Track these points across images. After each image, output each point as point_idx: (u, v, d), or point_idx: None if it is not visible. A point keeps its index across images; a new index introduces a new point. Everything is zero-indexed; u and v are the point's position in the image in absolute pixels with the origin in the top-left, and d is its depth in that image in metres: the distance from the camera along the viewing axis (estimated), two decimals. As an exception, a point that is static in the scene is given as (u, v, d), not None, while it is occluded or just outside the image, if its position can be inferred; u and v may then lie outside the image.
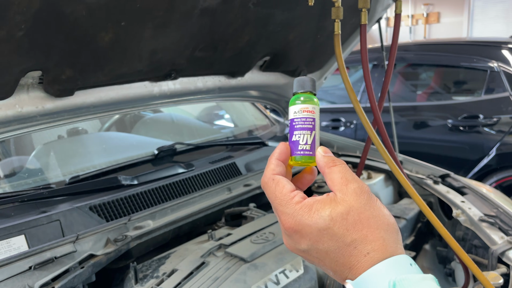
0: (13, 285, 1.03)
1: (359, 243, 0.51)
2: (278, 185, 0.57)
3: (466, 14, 10.56)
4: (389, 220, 0.53)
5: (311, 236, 0.53)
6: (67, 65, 1.13)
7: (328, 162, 0.58)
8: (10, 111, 1.16)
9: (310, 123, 0.62)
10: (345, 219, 0.51)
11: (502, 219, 1.48)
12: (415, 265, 0.50)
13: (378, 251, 0.50)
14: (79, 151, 1.88)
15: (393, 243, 0.52)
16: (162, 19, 1.18)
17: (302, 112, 0.62)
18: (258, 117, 2.61)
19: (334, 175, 0.56)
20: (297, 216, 0.54)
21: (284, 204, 0.56)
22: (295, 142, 0.62)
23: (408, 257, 0.51)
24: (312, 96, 0.64)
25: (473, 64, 3.62)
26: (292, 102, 0.64)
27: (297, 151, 0.62)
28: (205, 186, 1.66)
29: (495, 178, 3.48)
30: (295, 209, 0.54)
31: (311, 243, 0.53)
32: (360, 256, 0.50)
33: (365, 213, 0.52)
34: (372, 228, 0.51)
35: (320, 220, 0.52)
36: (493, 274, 1.22)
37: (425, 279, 0.48)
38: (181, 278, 1.15)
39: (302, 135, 0.62)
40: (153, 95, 1.51)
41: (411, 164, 2.02)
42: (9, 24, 0.90)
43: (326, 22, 1.61)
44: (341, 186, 0.55)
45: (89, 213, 1.33)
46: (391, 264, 0.49)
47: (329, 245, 0.52)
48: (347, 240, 0.51)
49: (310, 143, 0.61)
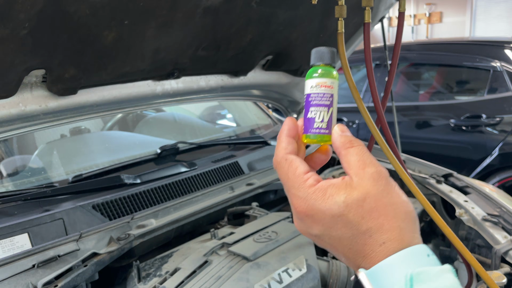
0: (16, 283, 1.04)
1: (374, 232, 0.48)
2: (292, 165, 0.54)
3: (468, 13, 10.54)
4: (407, 208, 0.51)
5: (324, 222, 0.50)
6: (70, 64, 1.13)
7: (344, 143, 0.54)
8: (14, 110, 1.16)
9: (327, 99, 0.58)
10: (361, 206, 0.49)
11: (505, 218, 1.48)
12: (432, 256, 0.48)
13: (394, 241, 0.48)
14: (82, 150, 1.88)
15: (410, 233, 0.49)
16: (165, 18, 1.18)
17: (319, 87, 0.58)
18: (260, 116, 2.61)
19: (351, 157, 0.52)
20: (310, 200, 0.51)
21: (296, 186, 0.52)
22: (311, 119, 0.58)
23: (426, 247, 0.49)
24: (331, 69, 0.59)
25: (475, 63, 3.61)
26: (309, 75, 0.59)
27: (312, 129, 0.57)
28: (208, 185, 1.66)
29: (498, 178, 3.47)
30: (308, 192, 0.51)
31: (323, 229, 0.51)
32: (375, 245, 0.48)
33: (382, 200, 0.49)
34: (389, 217, 0.49)
35: (335, 206, 0.49)
36: (497, 274, 1.22)
37: (443, 271, 0.46)
38: (184, 276, 1.15)
39: (319, 112, 0.57)
40: (156, 94, 1.51)
41: (414, 164, 2.02)
42: (13, 22, 0.90)
43: (329, 21, 1.61)
44: (357, 169, 0.51)
45: (92, 212, 1.33)
46: (408, 255, 0.47)
47: (343, 232, 0.49)
48: (362, 228, 0.48)
49: (327, 120, 0.57)
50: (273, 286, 1.12)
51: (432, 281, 0.44)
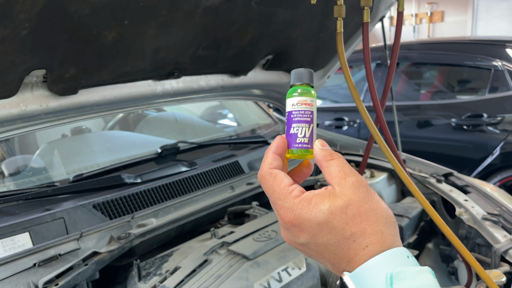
0: (17, 282, 1.04)
1: (358, 237, 0.51)
2: (276, 179, 0.57)
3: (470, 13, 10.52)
4: (387, 213, 0.53)
5: (310, 230, 0.53)
6: (71, 63, 1.13)
7: (325, 156, 0.58)
8: (15, 110, 1.16)
9: (308, 116, 0.61)
10: (344, 212, 0.51)
11: (505, 217, 1.48)
12: (412, 258, 0.51)
13: (376, 244, 0.50)
14: (83, 149, 1.89)
15: (391, 236, 0.52)
16: (165, 18, 1.18)
17: (300, 104, 0.61)
18: (261, 116, 2.61)
19: (332, 168, 0.56)
20: (296, 210, 0.53)
21: (282, 198, 0.55)
22: (293, 135, 0.61)
23: (406, 250, 0.51)
24: (309, 89, 0.63)
25: (477, 63, 3.60)
26: (290, 95, 0.63)
27: (295, 144, 0.61)
28: (208, 184, 1.66)
29: (499, 177, 3.46)
30: (294, 203, 0.54)
31: (310, 237, 0.53)
32: (359, 249, 0.50)
33: (363, 206, 0.52)
34: (370, 221, 0.51)
35: (320, 214, 0.52)
36: (496, 272, 1.22)
37: (422, 271, 0.48)
38: (184, 275, 1.15)
39: (301, 127, 0.61)
40: (156, 94, 1.51)
41: (414, 163, 2.02)
42: (13, 22, 0.91)
43: (329, 20, 1.61)
44: (339, 179, 0.54)
45: (93, 211, 1.34)
46: (389, 257, 0.49)
47: (328, 239, 0.52)
48: (346, 234, 0.51)
49: (308, 136, 0.61)
50: (272, 285, 1.13)
51: (411, 279, 0.47)
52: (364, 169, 1.63)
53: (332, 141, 2.37)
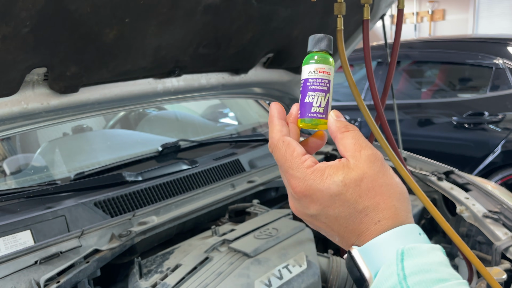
0: (19, 280, 1.05)
1: (371, 211, 0.50)
2: (289, 147, 0.55)
3: (471, 11, 10.50)
4: (401, 189, 0.52)
5: (322, 201, 0.51)
6: (72, 61, 1.14)
7: (340, 127, 0.56)
8: (16, 108, 1.17)
9: (325, 85, 0.58)
10: (358, 185, 0.50)
11: (506, 215, 1.48)
12: (423, 235, 0.50)
13: (389, 219, 0.49)
14: (84, 148, 1.90)
15: (404, 212, 0.51)
16: (166, 16, 1.18)
17: (317, 72, 0.59)
18: (262, 114, 2.61)
19: (347, 140, 0.54)
20: (308, 180, 0.52)
21: (295, 167, 0.53)
22: (308, 104, 0.58)
23: (417, 227, 0.50)
24: (328, 56, 0.60)
25: (478, 61, 3.60)
26: (306, 61, 0.60)
27: (309, 113, 0.58)
28: (209, 182, 1.67)
29: (500, 175, 3.46)
30: (307, 173, 0.52)
31: (321, 208, 0.52)
32: (371, 223, 0.50)
33: (378, 180, 0.51)
34: (384, 196, 0.50)
35: (333, 185, 0.51)
36: (497, 270, 1.22)
37: (433, 249, 0.47)
38: (185, 273, 1.16)
39: (317, 96, 0.58)
40: (157, 92, 1.52)
41: (415, 161, 2.02)
42: (14, 20, 0.91)
43: (330, 18, 1.61)
44: (354, 152, 0.53)
45: (94, 209, 1.34)
46: (401, 233, 0.48)
47: (340, 211, 0.51)
48: (359, 207, 0.50)
49: (324, 105, 0.58)
50: (273, 282, 1.13)
51: (422, 256, 0.46)
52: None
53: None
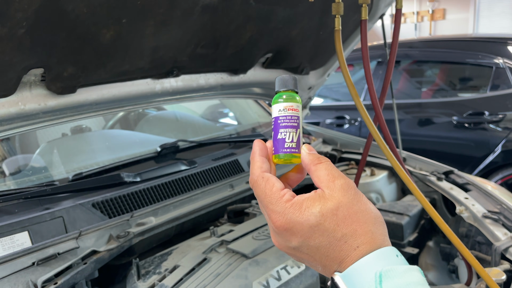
0: (16, 281, 1.04)
1: (349, 237, 0.51)
2: (268, 183, 0.57)
3: (472, 10, 10.48)
4: (375, 214, 0.54)
5: (302, 233, 0.53)
6: (69, 62, 1.13)
7: (313, 160, 0.58)
8: (13, 109, 1.16)
9: (295, 121, 0.62)
10: (335, 214, 0.52)
11: (505, 215, 1.48)
12: (401, 256, 0.51)
13: (367, 244, 0.51)
14: (83, 148, 1.89)
15: (380, 236, 0.53)
16: (164, 16, 1.18)
17: (287, 110, 0.62)
18: (261, 114, 2.61)
19: (320, 172, 0.57)
20: (288, 214, 0.54)
21: (274, 202, 0.55)
22: (281, 140, 0.61)
23: (394, 249, 0.52)
24: (294, 94, 0.63)
25: (478, 60, 3.59)
26: (275, 101, 0.63)
27: (283, 149, 0.61)
28: (208, 183, 1.66)
29: (501, 175, 3.45)
30: (286, 207, 0.54)
31: (302, 240, 0.54)
32: (350, 249, 0.51)
33: (353, 207, 0.53)
34: (360, 222, 0.52)
35: (311, 216, 0.52)
36: (496, 270, 1.22)
37: (410, 270, 0.49)
38: (183, 274, 1.15)
39: (288, 133, 0.61)
40: (155, 92, 1.51)
41: (415, 161, 2.01)
42: (10, 21, 0.90)
43: (328, 18, 1.61)
44: (328, 182, 0.55)
45: (92, 210, 1.34)
46: (378, 256, 0.50)
47: (320, 241, 0.53)
48: (338, 235, 0.52)
49: (296, 140, 0.61)
50: (271, 283, 1.13)
51: (399, 277, 0.48)
52: (363, 167, 1.62)
53: (332, 139, 2.37)
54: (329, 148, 2.30)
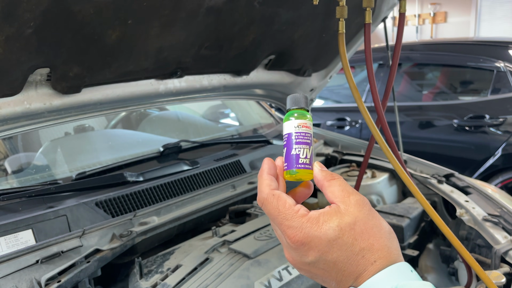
0: (20, 279, 1.05)
1: (366, 252, 0.52)
2: (280, 199, 0.57)
3: (473, 14, 10.49)
4: (389, 229, 0.56)
5: (320, 247, 0.53)
6: (74, 62, 1.14)
7: (326, 176, 0.60)
8: (19, 108, 1.17)
9: (308, 138, 0.63)
10: (353, 228, 0.53)
11: (506, 218, 1.48)
12: (414, 272, 0.52)
13: (384, 258, 0.52)
14: (86, 147, 1.90)
15: (395, 251, 0.54)
16: (168, 18, 1.19)
17: (301, 127, 0.63)
18: (263, 115, 2.62)
19: (334, 187, 0.58)
20: (305, 228, 0.54)
21: (289, 218, 0.55)
22: (295, 156, 0.62)
23: (408, 265, 0.53)
24: (306, 113, 0.65)
25: (479, 64, 3.60)
26: (288, 118, 0.64)
27: (297, 165, 0.62)
28: (210, 183, 1.67)
29: (501, 178, 3.46)
30: (302, 221, 0.54)
31: (319, 255, 0.54)
32: (368, 264, 0.52)
33: (369, 223, 0.54)
34: (377, 237, 0.53)
35: (330, 231, 0.53)
36: (496, 273, 1.23)
37: (424, 286, 0.49)
38: (185, 273, 1.16)
39: (303, 149, 0.62)
40: (158, 93, 1.52)
41: (416, 164, 2.02)
42: (18, 21, 0.92)
43: (331, 21, 1.62)
44: (343, 198, 0.56)
45: (95, 209, 1.35)
46: (394, 271, 0.51)
47: (338, 255, 0.53)
48: (356, 249, 0.52)
49: (309, 157, 0.62)
50: (273, 283, 1.13)
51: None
52: (365, 169, 1.63)
53: (333, 141, 2.38)
54: (330, 150, 2.30)
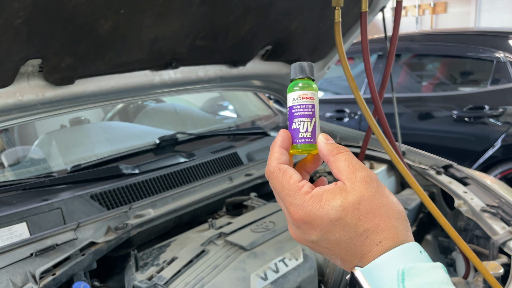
0: (14, 272, 1.04)
1: (371, 233, 0.50)
2: (286, 174, 0.55)
3: (473, 4, 10.43)
4: (398, 208, 0.52)
5: (322, 227, 0.51)
6: (66, 53, 1.13)
7: (331, 150, 0.56)
8: (11, 99, 1.16)
9: (309, 110, 0.60)
10: (357, 208, 0.50)
11: (504, 209, 1.48)
12: (424, 253, 0.50)
13: (390, 239, 0.49)
14: (81, 140, 1.89)
15: (403, 231, 0.51)
16: (162, 7, 1.17)
17: (301, 98, 0.60)
18: (261, 107, 2.60)
19: (340, 163, 0.54)
20: (307, 207, 0.52)
21: (292, 194, 0.53)
22: (295, 130, 0.60)
23: (418, 245, 0.50)
24: (310, 82, 0.61)
25: (479, 54, 3.58)
26: (290, 89, 0.61)
27: (297, 139, 0.59)
28: (206, 175, 1.66)
29: (500, 169, 3.45)
30: (305, 199, 0.52)
31: (321, 234, 0.52)
32: (372, 245, 0.50)
33: (375, 202, 0.51)
34: (383, 217, 0.50)
35: (332, 210, 0.50)
36: (493, 264, 1.22)
37: (434, 267, 0.47)
38: (181, 265, 1.15)
39: (302, 122, 0.59)
40: (154, 84, 1.51)
41: (414, 155, 2.01)
42: (7, 11, 0.90)
43: (329, 11, 1.59)
44: (349, 174, 0.53)
45: (90, 201, 1.34)
46: (401, 252, 0.48)
47: (341, 235, 0.51)
48: (359, 230, 0.50)
49: (311, 130, 0.59)
50: (269, 275, 1.13)
51: (422, 276, 0.46)
52: (362, 161, 1.62)
53: (332, 132, 2.36)
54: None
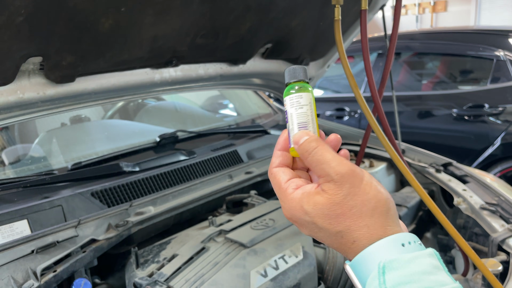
0: (15, 268, 1.05)
1: (344, 233, 0.52)
2: (275, 178, 0.59)
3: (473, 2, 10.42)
4: (375, 204, 0.52)
5: (306, 225, 0.55)
6: (67, 51, 1.13)
7: (303, 154, 0.56)
8: (12, 97, 1.16)
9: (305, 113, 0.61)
10: (327, 214, 0.52)
11: (503, 207, 1.48)
12: (408, 245, 0.50)
13: (363, 238, 0.51)
14: (82, 138, 1.89)
15: (380, 227, 0.51)
16: (163, 6, 1.17)
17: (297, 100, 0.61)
18: (261, 105, 2.60)
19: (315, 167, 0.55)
20: (290, 210, 0.56)
21: (281, 197, 0.58)
22: (291, 132, 0.61)
23: (402, 237, 0.50)
24: (306, 85, 0.62)
25: (479, 53, 3.58)
26: (287, 93, 0.62)
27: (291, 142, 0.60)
28: (207, 173, 1.66)
29: (500, 168, 3.46)
30: (288, 200, 0.56)
31: (309, 231, 0.56)
32: (348, 243, 0.52)
33: (347, 203, 0.51)
34: (354, 218, 0.51)
35: (306, 216, 0.54)
36: (493, 261, 1.23)
37: (416, 258, 0.47)
38: (181, 262, 1.16)
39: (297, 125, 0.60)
40: (154, 82, 1.51)
41: (414, 153, 2.02)
42: (8, 9, 0.90)
43: (329, 9, 1.60)
44: (323, 178, 0.53)
45: (91, 199, 1.34)
46: (382, 246, 0.49)
47: (321, 235, 0.54)
48: (333, 232, 0.52)
49: None
50: (269, 272, 1.13)
51: (403, 268, 0.47)
52: (361, 159, 1.62)
53: (331, 130, 2.37)
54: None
